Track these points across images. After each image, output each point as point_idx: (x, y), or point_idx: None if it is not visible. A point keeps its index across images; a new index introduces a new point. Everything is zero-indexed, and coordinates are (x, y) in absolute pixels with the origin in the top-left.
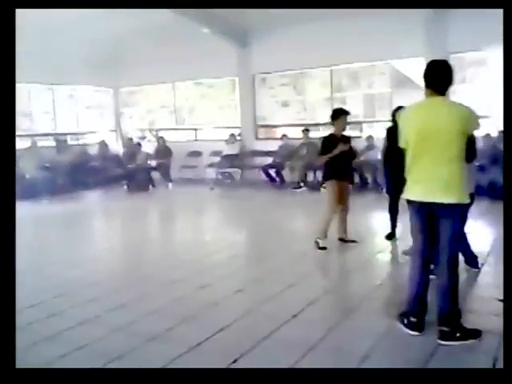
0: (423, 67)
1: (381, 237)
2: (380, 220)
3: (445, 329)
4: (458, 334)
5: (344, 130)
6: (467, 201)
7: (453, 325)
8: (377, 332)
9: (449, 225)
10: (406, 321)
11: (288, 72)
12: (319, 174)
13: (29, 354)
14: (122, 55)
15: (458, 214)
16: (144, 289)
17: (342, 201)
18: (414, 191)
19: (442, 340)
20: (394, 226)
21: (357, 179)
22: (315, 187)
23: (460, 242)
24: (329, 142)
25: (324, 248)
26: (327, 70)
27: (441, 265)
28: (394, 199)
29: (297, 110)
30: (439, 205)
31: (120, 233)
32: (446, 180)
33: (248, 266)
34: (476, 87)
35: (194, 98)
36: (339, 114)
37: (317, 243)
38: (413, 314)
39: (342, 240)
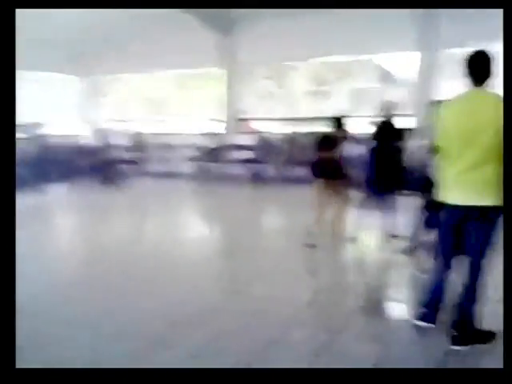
0: (409, 63)
1: (370, 235)
2: (365, 218)
3: (455, 333)
4: (469, 339)
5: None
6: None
7: (464, 330)
8: (382, 334)
9: (483, 229)
10: (417, 313)
11: (272, 64)
12: (301, 170)
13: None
14: (95, 42)
15: (494, 217)
16: (128, 291)
17: (332, 199)
18: (449, 194)
19: (453, 345)
20: (365, 225)
21: None
22: (297, 182)
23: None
24: (324, 141)
25: (313, 246)
26: (312, 63)
27: (468, 269)
28: (374, 197)
29: (280, 103)
30: (476, 208)
31: (91, 229)
32: (484, 182)
33: (235, 265)
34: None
35: (172, 89)
36: (337, 125)
37: (307, 242)
38: (426, 305)
39: (335, 236)
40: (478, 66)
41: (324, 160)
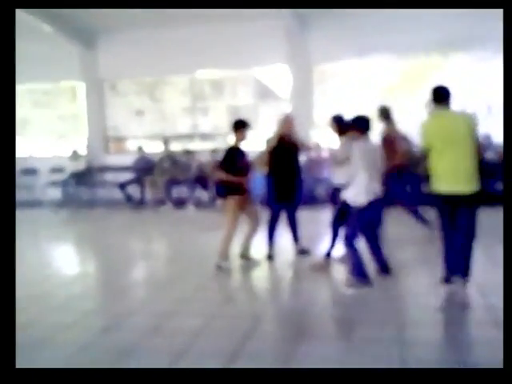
0: (286, 79)
1: (284, 253)
2: (274, 234)
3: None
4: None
5: (243, 141)
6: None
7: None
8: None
9: (470, 211)
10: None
11: (143, 79)
12: (184, 190)
13: None
14: None
15: (476, 201)
16: None
17: (248, 217)
18: (443, 184)
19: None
20: (272, 243)
21: None
22: (180, 204)
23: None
24: (231, 156)
25: (227, 269)
26: (187, 77)
27: (461, 244)
28: (277, 213)
29: (154, 119)
30: (462, 195)
31: None
32: (468, 173)
33: (146, 298)
34: (335, 98)
35: (27, 107)
36: (241, 126)
37: (219, 266)
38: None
39: (245, 257)
40: (443, 95)
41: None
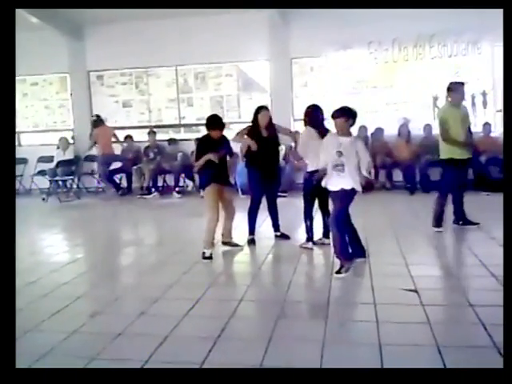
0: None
1: (265, 239)
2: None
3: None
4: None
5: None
6: None
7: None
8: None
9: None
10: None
11: (129, 70)
12: (169, 178)
13: None
14: None
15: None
16: None
17: (224, 205)
18: (457, 154)
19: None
20: (254, 229)
21: None
22: (166, 192)
23: None
24: (204, 145)
25: (210, 257)
26: (172, 69)
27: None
28: (257, 200)
29: (140, 110)
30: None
31: None
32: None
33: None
34: (315, 91)
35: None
36: (216, 126)
37: (204, 253)
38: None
39: (227, 244)
40: (460, 91)
41: (212, 166)
